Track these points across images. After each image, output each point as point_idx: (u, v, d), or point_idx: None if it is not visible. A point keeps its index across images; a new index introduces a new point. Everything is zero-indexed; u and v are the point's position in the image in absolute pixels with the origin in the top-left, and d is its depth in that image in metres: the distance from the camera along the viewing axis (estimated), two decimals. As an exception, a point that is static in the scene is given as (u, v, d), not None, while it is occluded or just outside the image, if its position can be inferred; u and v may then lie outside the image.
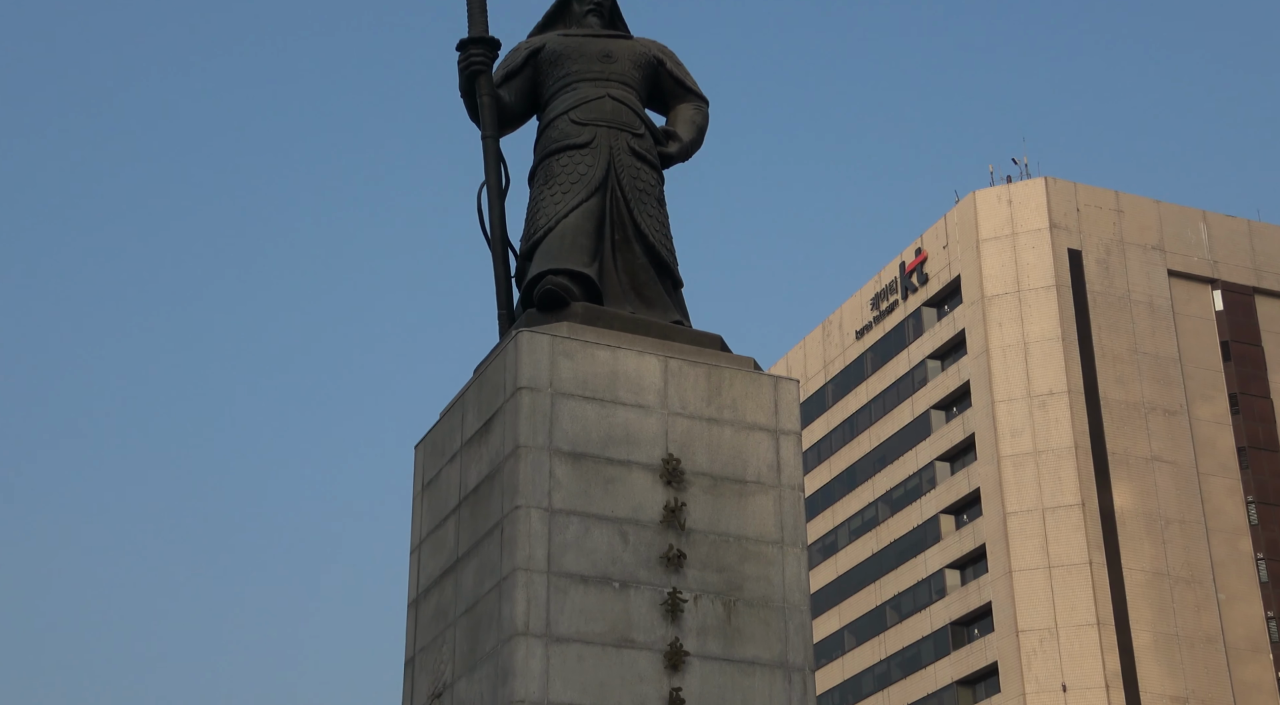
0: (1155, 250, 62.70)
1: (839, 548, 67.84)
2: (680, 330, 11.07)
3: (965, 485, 61.50)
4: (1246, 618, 57.98)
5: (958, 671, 59.75)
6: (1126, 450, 59.01)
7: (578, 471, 10.21)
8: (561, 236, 10.92)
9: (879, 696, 63.53)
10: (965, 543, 60.92)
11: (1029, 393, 59.91)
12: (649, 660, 9.97)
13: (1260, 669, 57.45)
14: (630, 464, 10.38)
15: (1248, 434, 61.31)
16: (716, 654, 10.17)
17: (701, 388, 10.75)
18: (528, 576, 9.87)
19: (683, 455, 10.51)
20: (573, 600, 9.92)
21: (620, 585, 10.06)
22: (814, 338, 73.31)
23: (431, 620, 10.86)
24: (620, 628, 9.99)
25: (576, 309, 10.78)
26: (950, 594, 61.16)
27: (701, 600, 10.24)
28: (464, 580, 10.51)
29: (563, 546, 10.00)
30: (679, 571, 10.23)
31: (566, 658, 9.77)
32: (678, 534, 10.31)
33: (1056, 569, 57.16)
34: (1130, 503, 58.18)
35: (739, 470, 10.67)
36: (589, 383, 10.43)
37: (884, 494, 66.21)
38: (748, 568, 10.44)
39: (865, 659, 64.77)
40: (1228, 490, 59.98)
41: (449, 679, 10.39)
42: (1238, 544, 59.19)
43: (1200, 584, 57.72)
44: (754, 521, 10.56)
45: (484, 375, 10.87)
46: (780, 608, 10.47)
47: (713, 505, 10.49)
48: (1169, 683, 55.70)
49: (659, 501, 10.35)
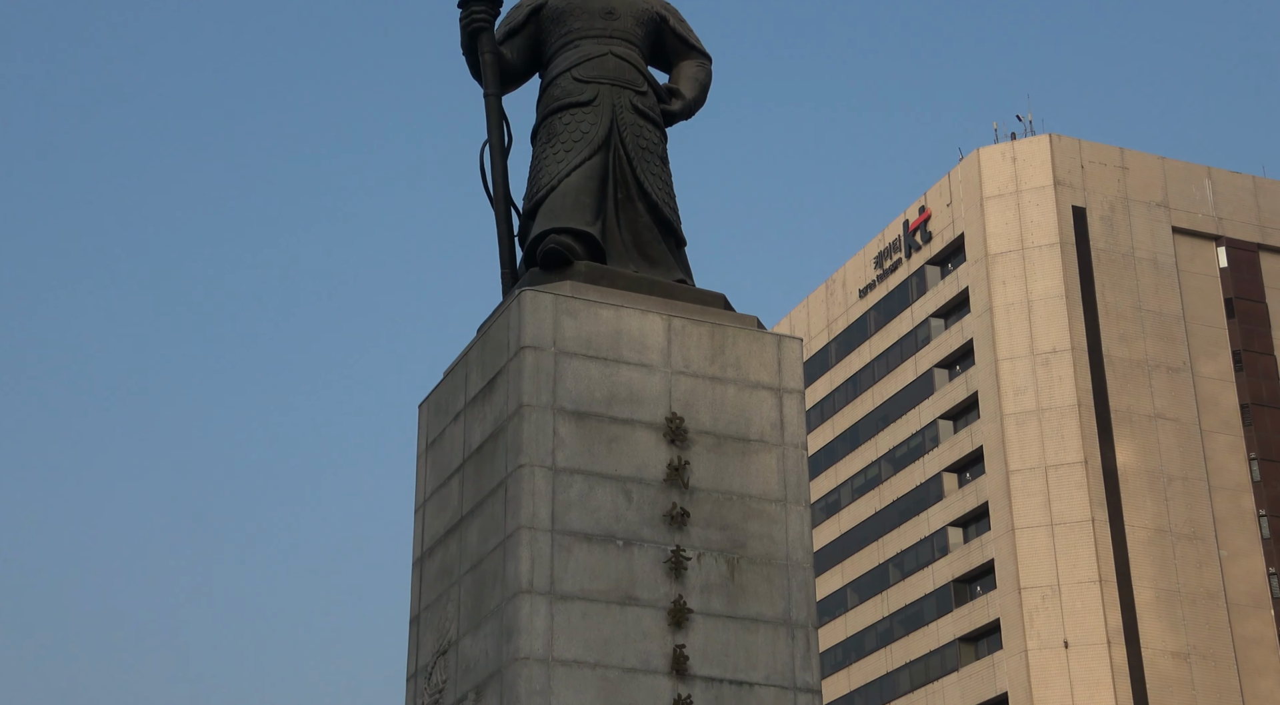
0: (1160, 207, 62.53)
1: (842, 506, 68.07)
2: (684, 289, 11.07)
3: (968, 443, 61.62)
4: (1248, 574, 58.23)
5: (960, 628, 60.07)
6: (1129, 407, 59.07)
7: (581, 430, 10.24)
8: (564, 195, 10.90)
9: (881, 653, 63.93)
10: (968, 500, 61.11)
11: (1032, 350, 59.92)
12: (653, 617, 10.03)
13: (1261, 624, 57.74)
14: (634, 422, 10.41)
15: (1251, 391, 61.35)
16: (720, 611, 10.23)
17: (705, 346, 10.76)
18: (531, 535, 9.91)
19: (686, 414, 10.53)
20: (576, 558, 9.98)
21: (624, 543, 10.10)
22: (817, 296, 73.26)
23: (436, 578, 10.92)
24: (624, 585, 10.04)
25: (580, 268, 10.78)
26: (953, 551, 61.41)
27: (705, 558, 10.29)
28: (468, 538, 10.56)
29: (566, 505, 10.05)
30: (682, 529, 10.28)
31: (570, 615, 9.83)
32: (681, 492, 10.35)
33: (1059, 526, 57.36)
34: (1133, 460, 58.31)
35: (742, 429, 10.69)
36: (592, 342, 10.44)
37: (887, 452, 66.36)
38: (751, 525, 10.48)
39: (868, 616, 65.12)
40: (1230, 447, 60.08)
41: (454, 636, 10.46)
42: (1240, 501, 59.36)
43: (1202, 540, 57.92)
44: (757, 479, 10.59)
45: (487, 334, 10.88)
46: (783, 565, 10.52)
47: (716, 463, 10.53)
48: (1170, 638, 56.01)
49: (662, 460, 10.38)
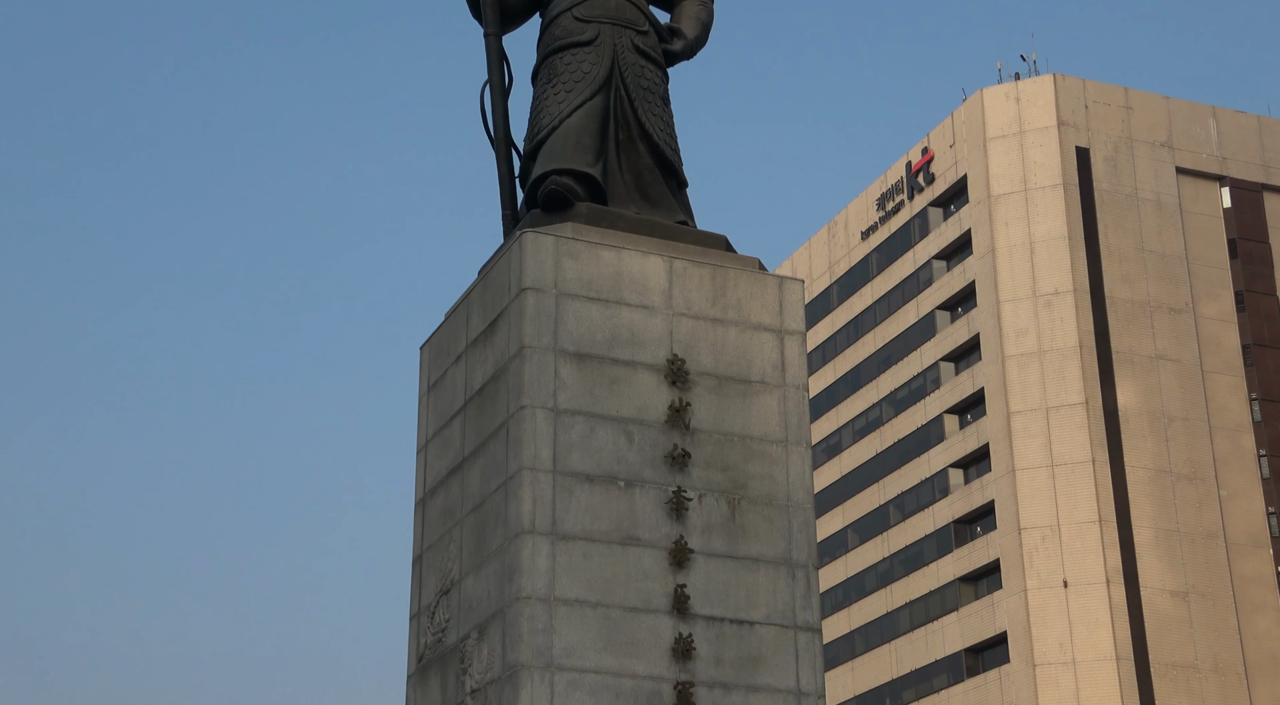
0: (1164, 147, 62.23)
1: (843, 448, 68.29)
2: (685, 230, 11.05)
3: (969, 385, 61.72)
4: (1247, 513, 58.52)
5: (960, 568, 60.46)
6: (1131, 349, 59.10)
7: (582, 372, 10.26)
8: (565, 136, 10.85)
9: (882, 593, 64.38)
10: (969, 442, 61.30)
11: (1034, 292, 59.86)
12: (654, 558, 10.11)
13: (1260, 563, 58.10)
14: (635, 364, 10.42)
15: (1253, 331, 61.36)
16: (721, 551, 10.30)
17: (706, 288, 10.76)
18: (533, 475, 9.96)
19: (687, 355, 10.55)
20: (578, 499, 10.03)
21: (625, 484, 10.15)
22: (819, 238, 73.10)
23: (438, 518, 10.99)
24: (625, 526, 10.10)
25: (581, 209, 10.75)
26: (953, 493, 61.68)
27: (706, 498, 10.35)
28: (470, 479, 10.62)
29: (568, 446, 10.09)
30: (683, 470, 10.33)
31: (572, 555, 9.90)
32: (682, 433, 10.39)
33: (1059, 467, 57.57)
34: (1134, 401, 58.43)
35: (743, 370, 10.71)
36: (593, 283, 10.44)
37: (888, 394, 66.47)
38: (752, 466, 10.53)
39: (868, 557, 65.53)
40: (1231, 388, 60.18)
41: (456, 576, 10.54)
42: (1240, 441, 59.53)
43: (1202, 481, 58.16)
44: (758, 421, 10.63)
45: (488, 276, 10.88)
46: (784, 506, 10.58)
47: (717, 405, 10.56)
48: (1169, 577, 56.38)
49: (664, 401, 10.41)
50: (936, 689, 60.49)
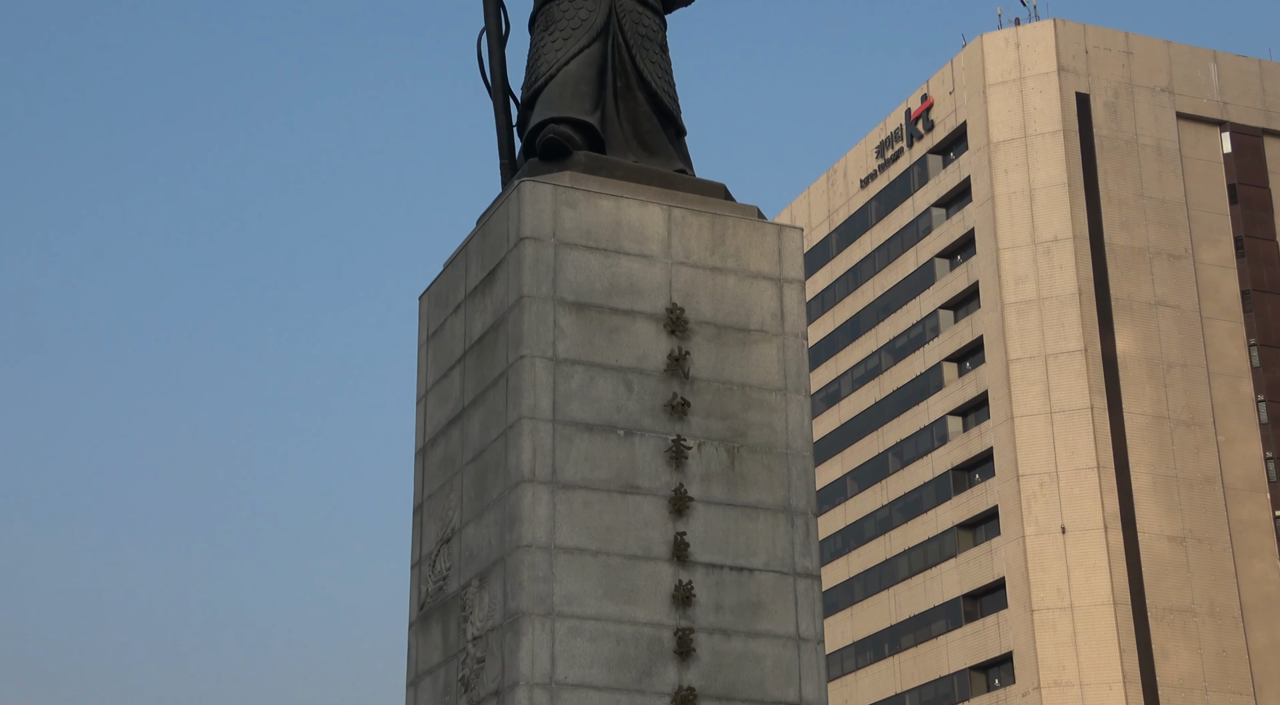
0: (1164, 92, 61.91)
1: (842, 396, 68.41)
2: (684, 179, 11.02)
3: (968, 333, 61.74)
4: (1245, 459, 58.72)
5: (958, 515, 60.74)
6: (1130, 295, 59.08)
7: (582, 321, 10.27)
8: (563, 84, 10.80)
9: (880, 540, 64.71)
10: (967, 390, 61.40)
11: (1034, 239, 59.76)
12: (654, 506, 10.15)
13: (1257, 508, 58.38)
14: (634, 313, 10.43)
15: (1252, 277, 61.33)
16: (720, 499, 10.35)
17: (705, 237, 10.75)
18: (533, 425, 10.00)
19: (686, 304, 10.55)
20: (578, 448, 10.07)
21: (625, 433, 10.19)
22: (818, 187, 72.88)
23: (439, 468, 11.03)
24: (625, 474, 10.15)
25: (579, 158, 10.71)
26: (952, 440, 61.86)
27: (705, 447, 10.38)
28: (470, 429, 10.65)
29: (567, 395, 10.11)
30: (683, 419, 10.36)
31: (572, 503, 9.95)
32: (681, 382, 10.41)
33: (1058, 414, 57.70)
34: (1133, 347, 58.48)
35: (742, 319, 10.72)
36: (592, 232, 10.42)
37: (887, 343, 66.50)
38: (751, 415, 10.56)
39: (867, 504, 65.81)
40: (1230, 333, 60.21)
41: (457, 524, 10.60)
42: (1239, 386, 59.65)
43: (1200, 426, 58.32)
44: (757, 369, 10.64)
45: (487, 226, 10.86)
46: (783, 454, 10.62)
47: (716, 354, 10.57)
48: (1167, 523, 56.66)
49: (663, 350, 10.43)
50: (935, 634, 60.94)
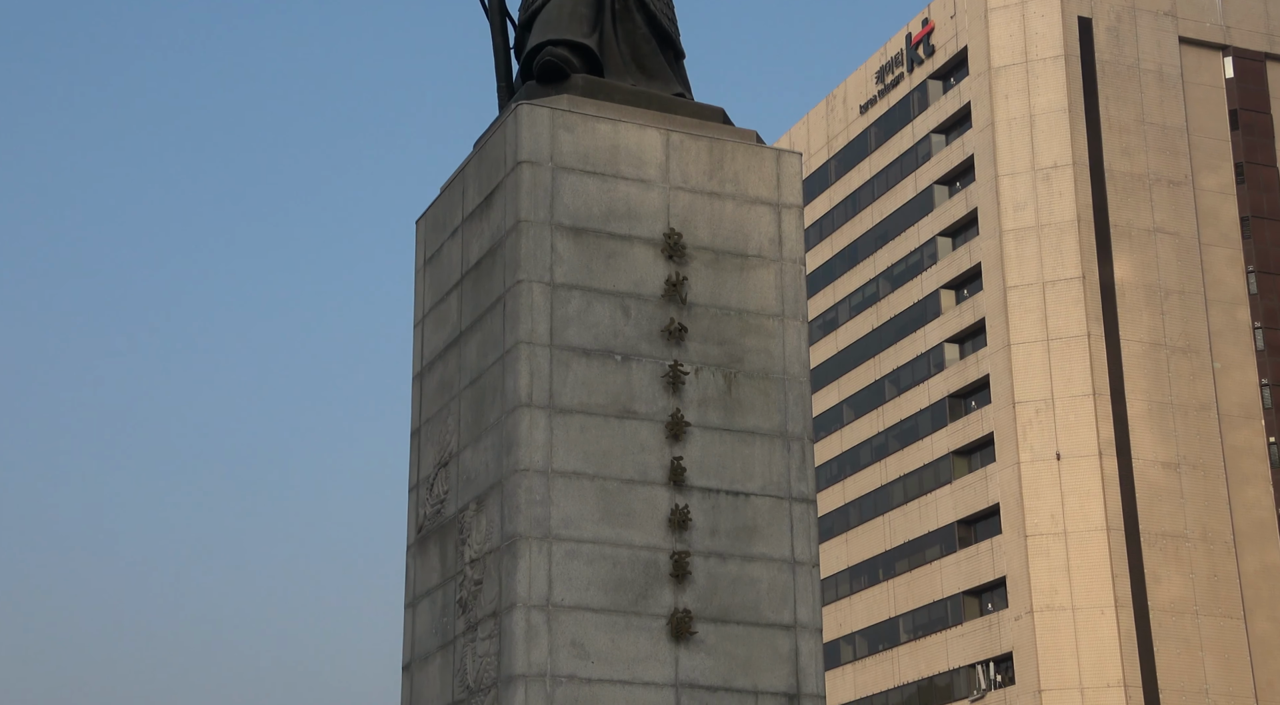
0: (1167, 16, 61.32)
1: (839, 323, 68.44)
2: (682, 103, 10.94)
3: (966, 260, 61.65)
4: (1240, 385, 58.90)
5: (954, 442, 61.01)
6: (1129, 222, 58.94)
7: (579, 246, 10.25)
8: (560, 5, 10.69)
9: (876, 467, 65.06)
10: (965, 317, 61.43)
11: (1033, 166, 59.48)
12: (650, 430, 10.20)
13: (1251, 434, 58.65)
14: (632, 238, 10.41)
15: (1251, 203, 61.15)
16: (717, 424, 10.39)
17: (703, 161, 10.69)
18: (530, 349, 10.01)
19: (684, 229, 10.53)
20: (575, 372, 10.09)
21: (622, 358, 10.20)
22: (817, 112, 72.37)
23: (436, 392, 11.06)
24: (622, 399, 10.18)
25: (577, 81, 10.63)
26: (949, 367, 61.99)
27: (702, 372, 10.41)
28: (467, 353, 10.67)
29: (565, 320, 10.12)
30: (680, 344, 10.37)
31: (569, 428, 9.99)
32: (679, 308, 10.41)
33: (1055, 342, 57.78)
34: (1131, 275, 58.44)
35: (740, 244, 10.70)
36: (590, 156, 10.37)
37: (885, 270, 66.41)
38: (748, 340, 10.57)
39: (863, 431, 66.08)
40: (1228, 260, 60.16)
41: (454, 449, 10.65)
42: (1236, 313, 59.68)
43: (1197, 353, 58.43)
44: (755, 295, 10.65)
45: (484, 149, 10.80)
46: (780, 379, 10.64)
47: (714, 279, 10.57)
48: (1161, 449, 56.95)
49: (660, 276, 10.42)
50: (929, 560, 61.47)
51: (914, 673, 61.23)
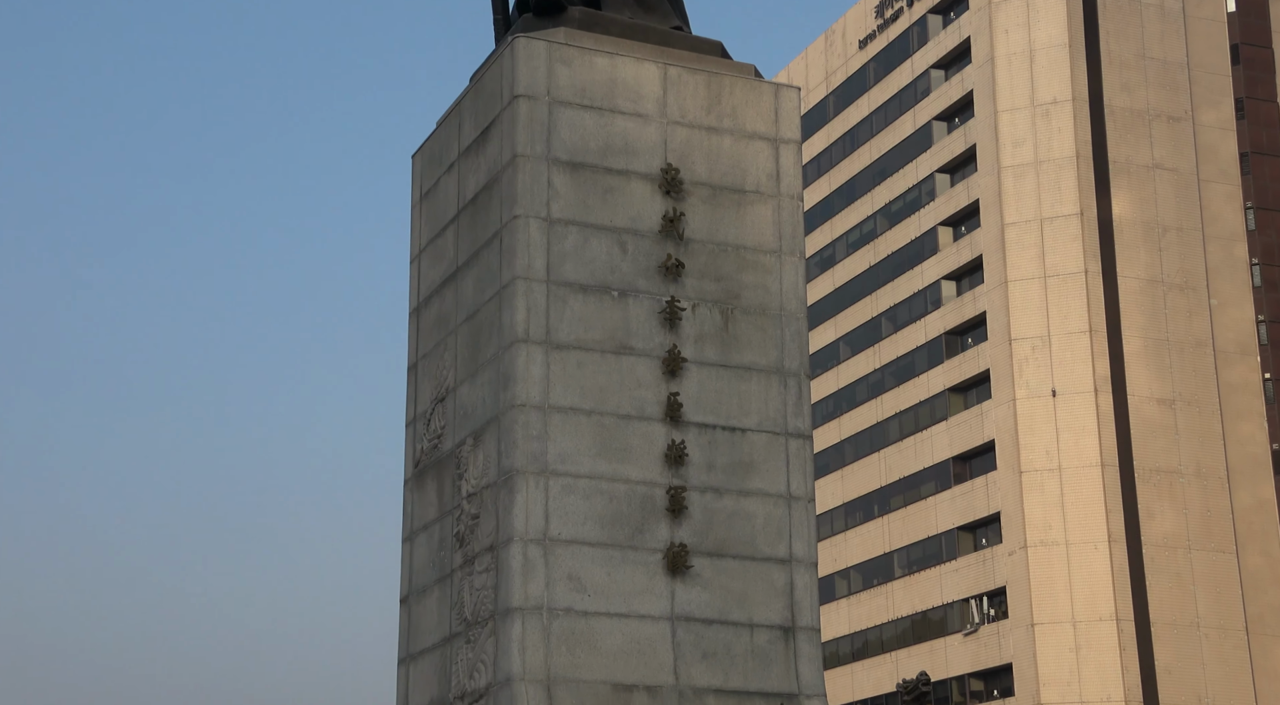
0: (1169, -49, 60.75)
1: (837, 260, 68.33)
2: (680, 36, 10.86)
3: (964, 197, 61.45)
4: (1236, 322, 58.96)
5: (950, 379, 61.14)
6: (1128, 158, 58.70)
7: (576, 181, 10.21)
8: (556, -62, 10.57)
9: (872, 404, 65.23)
10: (962, 254, 61.34)
11: (1032, 102, 59.13)
12: (647, 366, 10.22)
13: (1247, 370, 58.80)
14: (629, 174, 10.37)
15: (1251, 139, 60.87)
16: (714, 360, 10.41)
17: (701, 96, 10.63)
18: (527, 285, 10.01)
19: (681, 164, 10.49)
20: (572, 308, 10.10)
21: (619, 294, 10.20)
22: (816, 47, 71.80)
23: (433, 327, 11.07)
24: (619, 335, 10.19)
25: (574, 14, 10.54)
26: (945, 304, 61.98)
27: (699, 308, 10.41)
28: (464, 288, 10.66)
29: (561, 256, 10.11)
30: (677, 280, 10.37)
31: (566, 364, 10.01)
32: (676, 243, 10.40)
33: (1052, 278, 57.75)
34: (1129, 211, 58.29)
35: (738, 179, 10.67)
36: (587, 90, 10.31)
37: (883, 206, 66.21)
38: (745, 276, 10.57)
39: (860, 368, 66.19)
40: (1227, 196, 59.99)
41: (451, 384, 10.67)
42: (1233, 250, 59.62)
43: (1194, 290, 58.43)
44: (752, 231, 10.63)
45: (480, 83, 10.73)
46: (777, 315, 10.65)
47: (711, 215, 10.54)
48: (1156, 385, 57.10)
49: (657, 211, 10.40)
50: (924, 496, 61.81)
51: (908, 607, 61.77)
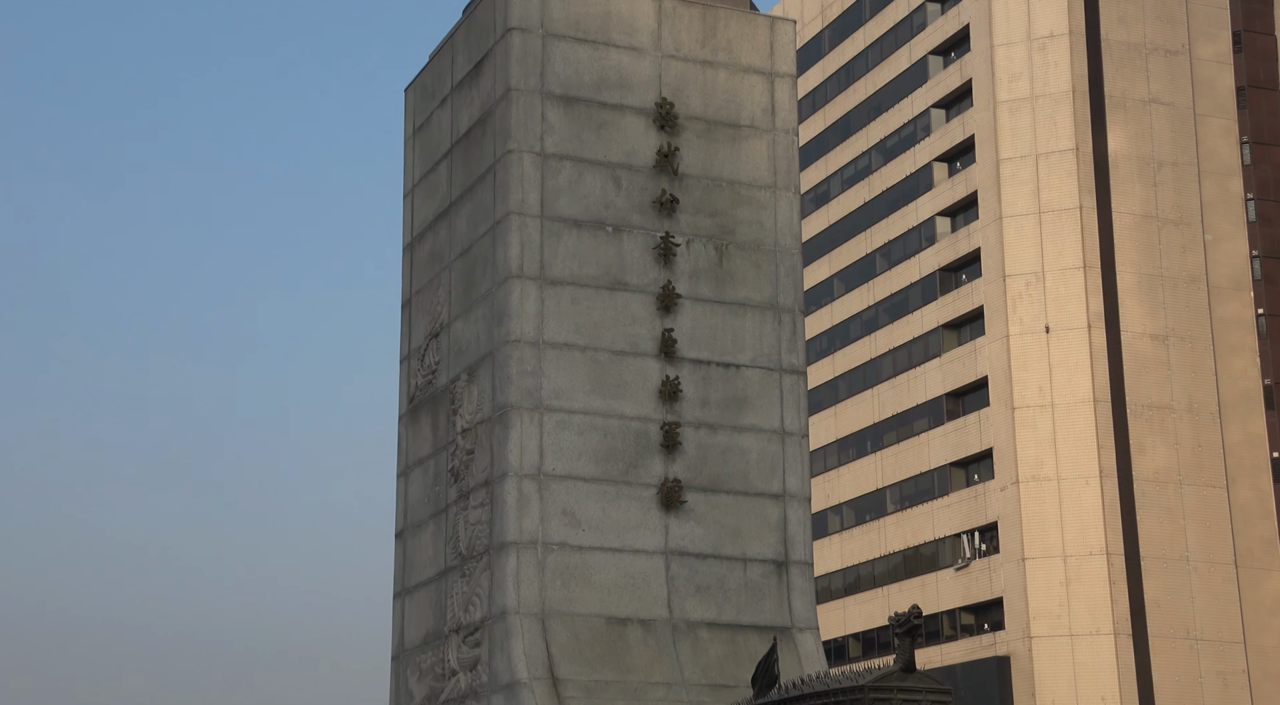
0: (1169, -119, 60.10)
1: (831, 196, 68.15)
2: (673, -32, 10.74)
3: (960, 132, 61.19)
4: (1231, 257, 58.98)
5: (944, 316, 61.21)
6: (1124, 93, 58.42)
7: (570, 115, 10.15)
8: None
9: (866, 341, 65.34)
10: (957, 190, 61.18)
11: (1029, 35, 58.71)
12: (641, 302, 10.23)
13: (1240, 306, 58.89)
14: (623, 108, 10.31)
15: (1248, 73, 60.55)
16: (708, 296, 10.42)
17: (696, 29, 10.55)
18: (521, 220, 9.97)
19: (676, 99, 10.43)
20: (566, 244, 10.08)
21: (613, 229, 10.18)
22: (811, -21, 71.15)
23: (426, 263, 11.04)
24: (613, 271, 10.19)
25: (565, -55, 10.42)
26: (940, 241, 61.92)
27: (694, 244, 10.41)
28: (458, 224, 10.62)
29: (555, 191, 10.07)
30: (672, 216, 10.36)
31: (560, 300, 10.01)
32: (671, 179, 10.37)
33: (1046, 214, 57.66)
34: (1124, 146, 58.10)
35: (733, 114, 10.62)
36: (581, 23, 10.21)
37: (878, 142, 65.93)
38: (740, 212, 10.55)
39: (854, 305, 66.22)
40: (1223, 131, 59.78)
41: (445, 319, 10.67)
42: (1229, 185, 59.51)
43: (1188, 225, 58.39)
44: (747, 166, 10.60)
45: (473, 15, 10.63)
46: (772, 251, 10.65)
47: (706, 150, 10.51)
48: (1150, 321, 57.21)
49: (652, 146, 10.35)
50: (916, 432, 62.07)
51: (900, 542, 62.24)
